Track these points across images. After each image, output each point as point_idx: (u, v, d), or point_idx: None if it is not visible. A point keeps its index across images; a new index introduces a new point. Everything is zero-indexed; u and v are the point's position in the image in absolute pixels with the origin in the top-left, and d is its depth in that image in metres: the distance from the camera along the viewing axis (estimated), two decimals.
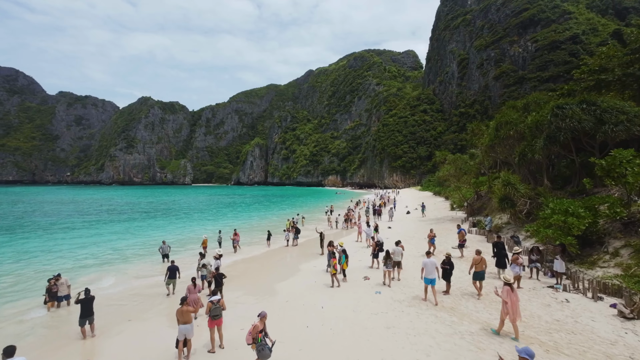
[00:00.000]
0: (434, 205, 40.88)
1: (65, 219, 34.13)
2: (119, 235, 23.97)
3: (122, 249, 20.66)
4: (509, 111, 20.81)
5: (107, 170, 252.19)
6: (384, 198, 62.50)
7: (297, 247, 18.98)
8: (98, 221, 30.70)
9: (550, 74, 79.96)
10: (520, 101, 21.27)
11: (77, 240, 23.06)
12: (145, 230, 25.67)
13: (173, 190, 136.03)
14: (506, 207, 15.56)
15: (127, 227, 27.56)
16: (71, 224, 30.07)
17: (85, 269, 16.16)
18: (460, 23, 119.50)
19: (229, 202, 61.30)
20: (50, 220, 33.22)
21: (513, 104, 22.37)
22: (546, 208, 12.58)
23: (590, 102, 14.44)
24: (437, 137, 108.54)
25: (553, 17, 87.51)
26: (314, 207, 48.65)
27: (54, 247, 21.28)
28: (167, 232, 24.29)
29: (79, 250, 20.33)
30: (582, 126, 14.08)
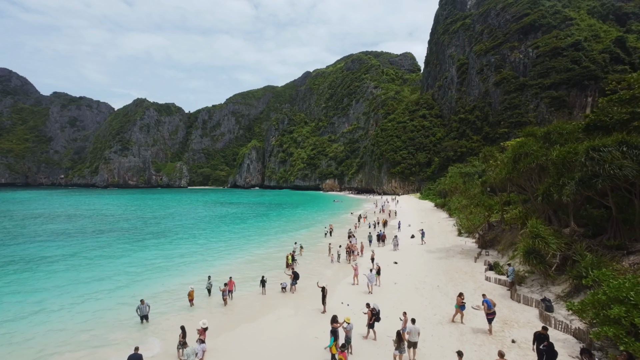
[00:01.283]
0: (437, 225, 39.03)
1: (42, 243, 31.71)
2: (93, 277, 20.79)
3: (93, 296, 18.13)
4: (528, 141, 18.98)
5: (101, 173, 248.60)
6: (385, 209, 60.73)
7: (295, 297, 17.00)
8: (73, 255, 27.27)
9: (552, 81, 78.63)
10: (540, 129, 19.47)
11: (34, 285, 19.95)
12: (125, 269, 22.81)
13: (168, 196, 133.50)
14: (534, 263, 13.74)
15: (106, 260, 24.85)
16: (45, 256, 27.31)
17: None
18: (460, 27, 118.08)
19: (223, 215, 59.18)
20: (24, 250, 30.86)
21: (532, 130, 20.59)
22: (596, 288, 10.64)
23: (632, 145, 12.63)
24: (436, 143, 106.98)
25: (554, 23, 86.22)
26: (312, 223, 46.60)
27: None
28: (150, 276, 21.39)
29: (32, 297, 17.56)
30: (623, 174, 12.27)
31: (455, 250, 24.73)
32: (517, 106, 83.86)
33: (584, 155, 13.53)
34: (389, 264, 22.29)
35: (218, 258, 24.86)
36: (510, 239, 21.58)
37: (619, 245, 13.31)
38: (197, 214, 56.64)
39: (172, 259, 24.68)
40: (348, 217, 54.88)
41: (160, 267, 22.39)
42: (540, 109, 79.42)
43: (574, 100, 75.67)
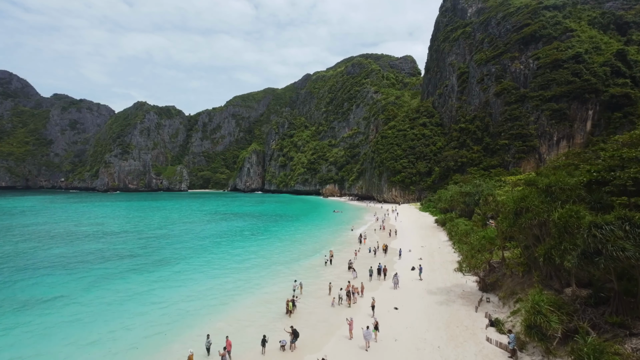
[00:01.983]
0: (438, 251, 38.87)
1: (37, 279, 31.21)
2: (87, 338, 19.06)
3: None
4: (530, 193, 18.79)
5: (101, 177, 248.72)
6: (385, 226, 60.57)
7: (294, 356, 16.92)
8: (68, 298, 26.22)
9: (552, 93, 78.50)
10: (542, 180, 19.28)
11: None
12: (123, 322, 21.87)
13: (168, 204, 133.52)
14: (535, 339, 13.62)
15: (102, 307, 24.02)
16: (40, 297, 26.71)
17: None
18: (460, 35, 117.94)
19: (223, 233, 59.09)
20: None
21: (534, 179, 20.37)
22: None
23: (635, 224, 12.49)
24: (436, 152, 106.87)
25: (555, 34, 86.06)
26: (313, 247, 46.32)
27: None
28: (150, 332, 20.42)
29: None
30: (626, 255, 12.16)
31: (455, 292, 24.59)
32: (518, 118, 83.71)
33: (586, 232, 13.41)
34: (389, 310, 22.17)
35: (218, 304, 24.59)
36: (512, 287, 21.47)
37: (621, 322, 13.19)
38: (196, 234, 56.46)
39: (172, 306, 24.44)
40: (349, 236, 54.71)
41: (158, 321, 22.00)
42: (541, 121, 79.28)
43: (574, 114, 75.52)
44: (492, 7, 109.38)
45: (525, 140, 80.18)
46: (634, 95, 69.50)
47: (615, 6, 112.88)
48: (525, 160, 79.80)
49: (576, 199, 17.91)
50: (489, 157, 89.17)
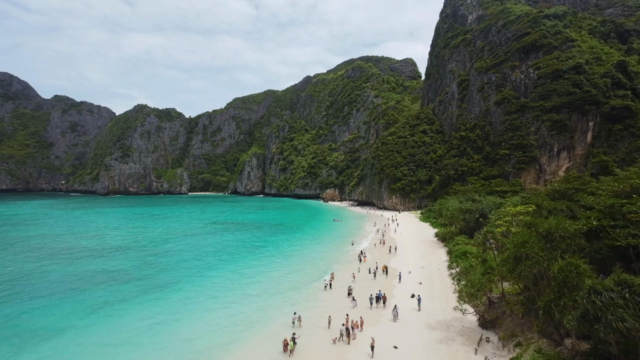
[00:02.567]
0: (438, 272, 38.81)
1: (31, 311, 30.49)
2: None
3: None
4: (530, 238, 18.69)
5: (102, 180, 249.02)
6: (385, 241, 60.50)
7: None
8: (68, 333, 25.95)
9: (553, 104, 78.43)
10: (543, 223, 19.18)
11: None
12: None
13: (168, 211, 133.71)
14: None
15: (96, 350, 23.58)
16: (36, 330, 26.08)
17: None
18: (460, 42, 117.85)
19: (220, 248, 59.10)
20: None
21: (533, 222, 20.23)
22: None
23: (635, 292, 12.46)
24: (437, 160, 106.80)
25: (555, 44, 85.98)
26: (313, 271, 46.13)
27: None
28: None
29: None
30: (625, 326, 12.13)
31: (455, 327, 24.57)
32: (518, 128, 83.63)
33: (585, 297, 13.38)
34: (388, 349, 22.13)
35: (215, 345, 24.39)
36: (511, 328, 21.44)
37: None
38: (197, 249, 56.41)
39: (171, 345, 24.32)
40: (349, 252, 54.67)
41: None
42: (541, 132, 79.20)
43: (575, 125, 75.44)
44: (493, 14, 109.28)
45: (526, 150, 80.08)
46: (634, 108, 69.39)
47: (616, 13, 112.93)
48: (525, 171, 79.73)
49: (576, 248, 17.87)
50: (489, 166, 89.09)
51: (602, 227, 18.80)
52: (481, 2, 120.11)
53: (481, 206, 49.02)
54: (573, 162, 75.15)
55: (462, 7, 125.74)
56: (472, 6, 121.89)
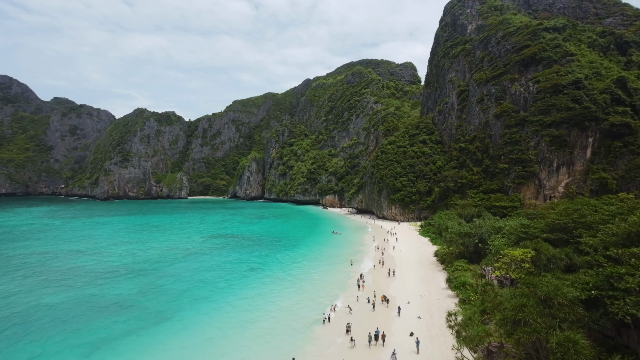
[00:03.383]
0: (437, 304, 38.64)
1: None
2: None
3: None
4: (528, 302, 18.57)
5: (101, 185, 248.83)
6: (385, 260, 60.33)
7: None
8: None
9: (552, 119, 78.33)
10: (542, 286, 19.04)
11: None
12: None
13: (167, 219, 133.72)
14: None
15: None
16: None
17: None
18: (460, 52, 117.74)
19: (222, 267, 59.08)
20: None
21: (532, 281, 20.11)
22: None
23: None
24: (436, 171, 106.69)
25: (555, 58, 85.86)
26: (310, 291, 46.17)
27: None
28: None
29: None
30: None
31: None
32: (518, 142, 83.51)
33: None
34: None
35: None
36: None
37: None
38: (195, 271, 56.17)
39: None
40: (348, 273, 54.55)
41: None
42: (540, 147, 79.10)
43: (574, 140, 75.34)
44: (492, 25, 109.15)
45: (525, 165, 79.96)
46: (634, 125, 69.28)
47: (615, 22, 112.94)
48: (525, 185, 79.63)
49: (574, 317, 17.74)
50: (488, 180, 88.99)
51: (600, 296, 18.67)
52: (480, 12, 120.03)
53: (480, 231, 48.87)
54: (573, 177, 75.08)
55: (461, 16, 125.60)
56: (472, 16, 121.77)
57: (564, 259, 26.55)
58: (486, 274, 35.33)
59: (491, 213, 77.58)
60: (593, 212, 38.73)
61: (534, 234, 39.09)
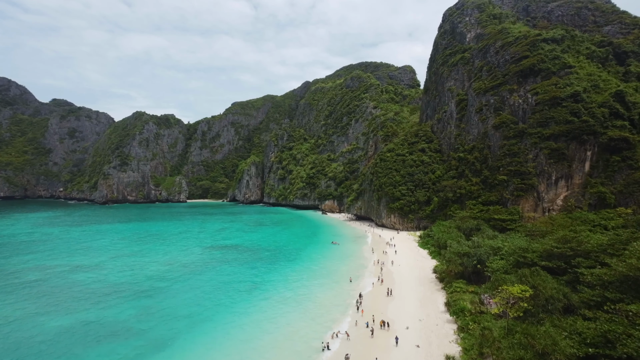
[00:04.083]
0: (435, 330, 38.68)
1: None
2: None
3: None
4: (527, 357, 18.67)
5: (100, 189, 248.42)
6: (383, 278, 60.39)
7: None
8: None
9: (551, 131, 78.48)
10: (540, 340, 19.11)
11: None
12: None
13: (165, 228, 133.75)
14: None
15: None
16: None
17: None
18: (459, 60, 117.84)
19: (220, 287, 59.10)
20: None
21: (529, 331, 20.17)
22: None
23: None
24: (435, 181, 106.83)
25: (554, 69, 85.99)
26: (311, 309, 46.35)
27: None
28: None
29: None
30: None
31: None
32: (516, 154, 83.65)
33: None
34: None
35: None
36: None
37: None
38: (193, 289, 56.25)
39: None
40: (348, 292, 54.61)
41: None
42: (539, 159, 79.26)
43: (573, 154, 75.51)
44: (491, 34, 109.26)
45: (524, 177, 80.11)
46: (632, 140, 69.47)
47: (614, 30, 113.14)
48: (523, 198, 79.77)
49: None
50: (487, 191, 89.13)
51: (598, 354, 18.75)
52: (479, 20, 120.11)
53: (479, 251, 48.98)
54: (571, 191, 75.27)
55: (460, 24, 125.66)
56: (471, 24, 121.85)
57: (562, 300, 26.63)
58: (486, 303, 35.40)
59: (490, 226, 78.02)
60: (590, 238, 38.81)
61: (532, 259, 39.25)
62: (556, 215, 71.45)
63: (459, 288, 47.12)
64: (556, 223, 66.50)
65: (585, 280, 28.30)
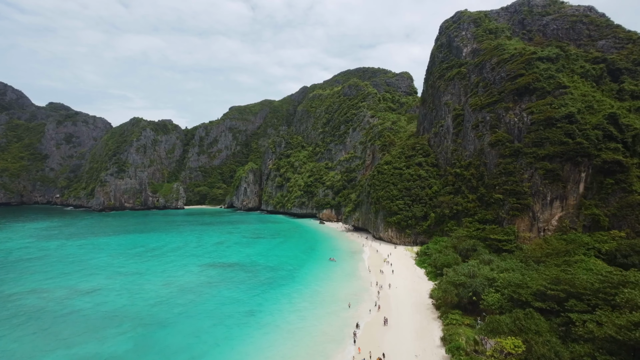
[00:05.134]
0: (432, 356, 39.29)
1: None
2: None
3: None
4: None
5: (97, 196, 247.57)
6: (381, 305, 60.81)
7: None
8: None
9: (546, 152, 79.30)
10: None
11: None
12: None
13: (164, 240, 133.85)
14: None
15: None
16: None
17: None
18: (456, 75, 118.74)
19: (214, 313, 59.19)
20: None
21: None
22: None
23: None
24: (432, 196, 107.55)
25: (549, 89, 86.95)
26: (309, 344, 46.69)
27: None
28: None
29: None
30: None
31: None
32: (512, 173, 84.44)
33: None
34: None
35: None
36: None
37: None
38: (191, 320, 56.38)
39: None
40: (347, 319, 55.06)
41: None
42: (534, 179, 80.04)
43: (567, 175, 76.34)
44: (487, 50, 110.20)
45: (519, 197, 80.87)
46: (625, 163, 70.36)
47: (608, 45, 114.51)
48: (519, 218, 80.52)
49: None
50: (483, 208, 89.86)
51: None
52: (476, 35, 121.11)
53: (474, 283, 49.54)
54: (566, 211, 76.09)
55: (456, 38, 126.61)
56: (467, 39, 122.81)
57: (554, 359, 27.16)
58: (482, 344, 35.92)
59: (486, 245, 78.91)
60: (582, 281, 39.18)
61: (526, 299, 39.83)
62: (551, 237, 72.25)
63: (454, 320, 47.62)
64: (551, 246, 67.39)
65: (577, 332, 28.92)
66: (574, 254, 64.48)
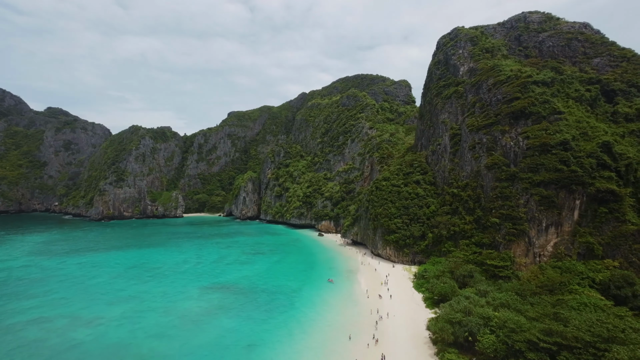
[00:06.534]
0: None
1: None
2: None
3: None
4: None
5: (96, 205, 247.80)
6: (378, 324, 61.65)
7: None
8: None
9: (541, 178, 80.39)
10: None
11: None
12: None
13: (163, 255, 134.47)
14: None
15: None
16: None
17: None
18: (453, 94, 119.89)
19: (213, 350, 59.95)
20: None
21: None
22: None
23: None
24: (430, 216, 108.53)
25: (544, 114, 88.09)
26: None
27: None
28: None
29: None
30: None
31: None
32: (508, 197, 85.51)
33: None
34: None
35: None
36: None
37: None
38: (190, 355, 57.15)
39: None
40: (343, 356, 55.92)
41: None
42: (530, 205, 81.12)
43: (562, 202, 77.44)
44: (484, 70, 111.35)
45: (516, 222, 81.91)
46: (619, 192, 71.47)
47: (602, 63, 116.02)
48: (515, 243, 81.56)
49: None
50: (480, 231, 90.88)
51: None
52: (472, 54, 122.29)
53: (470, 323, 50.45)
54: (561, 238, 77.16)
55: (454, 56, 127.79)
56: (464, 57, 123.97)
57: None
58: None
59: (483, 270, 79.98)
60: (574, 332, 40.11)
61: (519, 347, 40.76)
62: (547, 265, 73.36)
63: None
64: (546, 275, 68.52)
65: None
66: (569, 283, 65.80)
